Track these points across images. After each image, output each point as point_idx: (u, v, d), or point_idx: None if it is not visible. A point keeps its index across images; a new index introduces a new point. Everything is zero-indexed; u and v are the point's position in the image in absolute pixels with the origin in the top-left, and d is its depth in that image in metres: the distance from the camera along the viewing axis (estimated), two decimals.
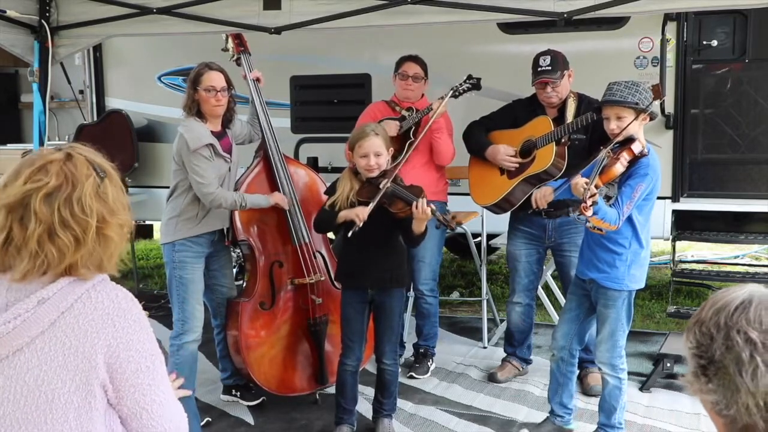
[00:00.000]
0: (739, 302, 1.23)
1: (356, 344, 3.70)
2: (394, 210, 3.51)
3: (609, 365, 3.49)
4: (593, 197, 3.09)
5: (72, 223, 1.63)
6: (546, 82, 4.09)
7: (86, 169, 1.68)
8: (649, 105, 3.32)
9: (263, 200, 4.02)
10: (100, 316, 1.63)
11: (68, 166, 1.66)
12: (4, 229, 1.62)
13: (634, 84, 3.32)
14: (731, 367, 1.18)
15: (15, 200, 1.62)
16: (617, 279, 3.39)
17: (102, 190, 1.68)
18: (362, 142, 3.55)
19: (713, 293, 1.31)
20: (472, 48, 5.43)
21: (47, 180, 1.63)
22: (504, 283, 6.61)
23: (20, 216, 1.62)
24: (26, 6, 4.23)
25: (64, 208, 1.63)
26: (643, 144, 3.30)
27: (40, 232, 1.61)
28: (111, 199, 1.70)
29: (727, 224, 5.25)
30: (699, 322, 1.25)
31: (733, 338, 1.19)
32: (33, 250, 1.61)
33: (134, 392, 1.65)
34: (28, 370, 1.59)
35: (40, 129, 4.39)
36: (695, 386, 1.24)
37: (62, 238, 1.62)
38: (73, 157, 1.68)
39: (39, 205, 1.61)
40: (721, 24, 4.94)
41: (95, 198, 1.66)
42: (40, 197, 1.62)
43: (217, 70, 3.82)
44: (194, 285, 3.83)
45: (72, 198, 1.63)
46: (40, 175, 1.63)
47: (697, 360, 1.24)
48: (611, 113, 3.34)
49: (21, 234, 1.61)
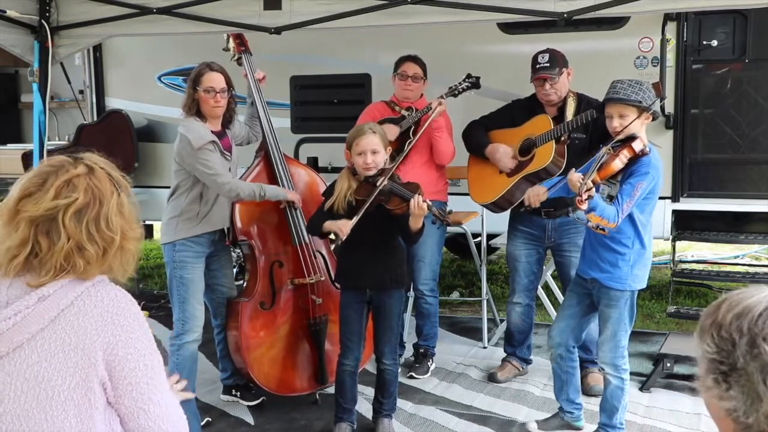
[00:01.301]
0: (763, 308, 1.19)
1: (355, 344, 3.70)
2: (391, 207, 3.51)
3: (611, 365, 3.49)
4: (589, 191, 3.09)
5: (98, 238, 1.67)
6: (544, 78, 4.09)
7: (109, 184, 1.72)
8: (652, 104, 3.32)
9: (282, 193, 4.02)
10: (99, 313, 1.64)
11: (93, 181, 1.69)
12: (29, 242, 1.64)
13: (637, 83, 3.33)
14: (756, 375, 1.15)
15: (43, 214, 1.64)
16: (620, 279, 3.39)
17: (120, 203, 1.73)
18: (359, 140, 3.55)
19: (724, 294, 1.26)
20: (472, 48, 5.43)
21: (76, 196, 1.66)
22: (504, 283, 6.61)
23: (46, 230, 1.64)
24: (26, 6, 4.22)
25: (92, 224, 1.67)
26: (644, 142, 3.30)
27: (69, 247, 1.64)
28: (127, 212, 1.75)
29: (727, 224, 5.24)
30: (716, 325, 1.21)
31: (760, 345, 1.15)
32: (59, 263, 1.64)
33: (132, 390, 1.65)
34: (29, 367, 1.59)
35: (40, 129, 4.39)
36: (714, 392, 1.20)
37: (89, 251, 1.66)
38: (95, 171, 1.71)
39: (69, 221, 1.64)
40: (721, 24, 4.94)
41: (118, 214, 1.71)
42: (71, 214, 1.64)
43: (217, 70, 3.81)
44: (195, 285, 3.83)
45: (100, 215, 1.68)
46: (68, 190, 1.66)
47: (716, 365, 1.20)
48: (614, 111, 3.34)
49: (48, 248, 1.64)
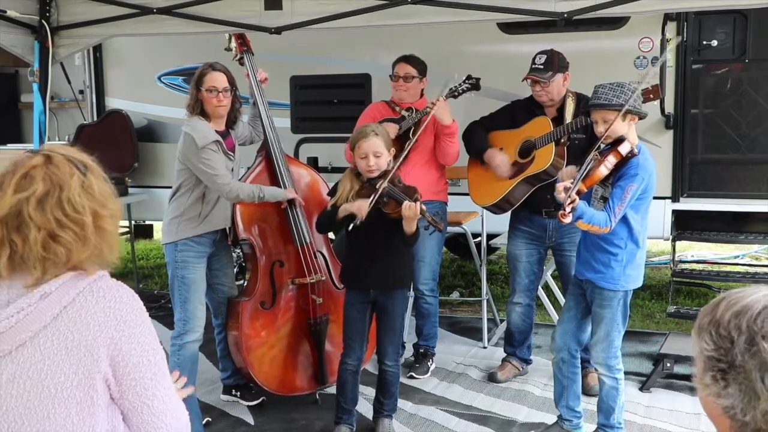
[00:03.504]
0: (761, 306, 1.19)
1: (357, 344, 3.71)
2: (387, 210, 3.51)
3: (605, 366, 3.49)
4: (572, 203, 3.09)
5: (67, 222, 1.64)
6: (534, 80, 4.10)
7: (68, 167, 1.68)
8: (637, 105, 3.30)
9: (281, 193, 4.02)
10: (102, 309, 1.64)
11: (51, 168, 1.67)
12: (5, 242, 1.63)
13: (618, 85, 3.28)
14: (753, 373, 1.16)
15: (8, 212, 1.63)
16: (612, 279, 3.39)
17: (87, 185, 1.69)
18: (362, 143, 3.55)
19: (722, 293, 1.26)
20: (472, 48, 5.44)
21: (35, 187, 1.63)
22: (504, 283, 6.61)
23: (16, 226, 1.63)
24: (26, 6, 4.22)
25: (57, 210, 1.64)
26: (632, 144, 3.28)
27: (42, 237, 1.62)
28: (97, 192, 1.71)
29: (727, 224, 5.25)
30: (715, 323, 1.21)
31: (758, 343, 1.16)
32: (40, 255, 1.62)
33: (136, 386, 1.65)
34: (32, 365, 1.59)
35: (40, 129, 4.39)
36: (711, 389, 1.21)
37: (64, 236, 1.63)
38: (53, 158, 1.69)
39: (33, 212, 1.62)
40: (721, 24, 4.94)
41: (83, 195, 1.68)
42: (33, 204, 1.62)
43: (220, 70, 3.81)
44: (196, 285, 3.83)
45: (62, 200, 1.64)
46: (27, 183, 1.64)
47: (714, 363, 1.20)
48: (598, 117, 3.31)
49: (23, 243, 1.62)
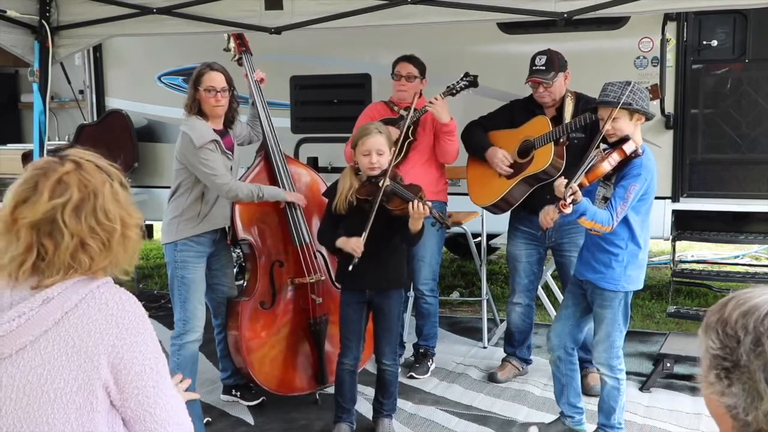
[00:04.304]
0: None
1: (354, 344, 3.71)
2: (391, 207, 3.51)
3: (606, 366, 3.49)
4: (574, 195, 3.09)
5: (99, 231, 1.66)
6: (538, 82, 4.10)
7: (99, 175, 1.70)
8: (645, 105, 3.31)
9: (280, 193, 4.02)
10: (104, 316, 1.63)
11: (84, 175, 1.68)
12: (34, 247, 1.63)
13: (628, 84, 3.30)
14: (758, 373, 1.16)
15: (42, 217, 1.63)
16: (613, 280, 3.39)
17: (115, 192, 1.71)
18: (365, 140, 3.55)
19: (731, 293, 1.26)
20: (471, 48, 5.43)
21: (71, 193, 1.64)
22: (504, 283, 6.61)
23: (49, 231, 1.63)
24: (26, 6, 4.22)
25: (91, 218, 1.65)
26: (637, 144, 3.29)
27: (74, 244, 1.63)
28: (123, 199, 1.73)
29: (727, 224, 5.24)
30: (722, 322, 1.22)
31: (764, 344, 1.16)
32: (67, 262, 1.63)
33: (138, 394, 1.64)
34: (32, 369, 1.59)
35: (40, 129, 4.38)
36: (715, 388, 1.21)
37: (92, 245, 1.65)
38: (83, 165, 1.70)
39: (69, 219, 1.63)
40: (721, 24, 4.94)
41: (114, 203, 1.70)
42: (69, 211, 1.63)
43: (218, 70, 3.81)
44: (196, 285, 3.83)
45: (96, 208, 1.66)
46: (62, 189, 1.65)
47: (719, 361, 1.20)
48: (605, 114, 3.33)
49: (54, 250, 1.63)
